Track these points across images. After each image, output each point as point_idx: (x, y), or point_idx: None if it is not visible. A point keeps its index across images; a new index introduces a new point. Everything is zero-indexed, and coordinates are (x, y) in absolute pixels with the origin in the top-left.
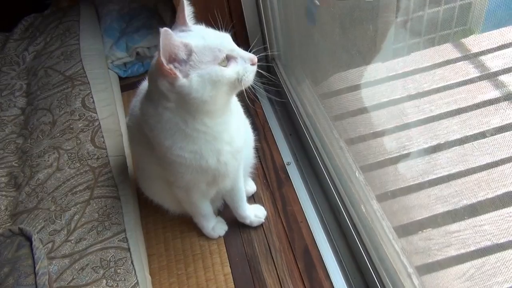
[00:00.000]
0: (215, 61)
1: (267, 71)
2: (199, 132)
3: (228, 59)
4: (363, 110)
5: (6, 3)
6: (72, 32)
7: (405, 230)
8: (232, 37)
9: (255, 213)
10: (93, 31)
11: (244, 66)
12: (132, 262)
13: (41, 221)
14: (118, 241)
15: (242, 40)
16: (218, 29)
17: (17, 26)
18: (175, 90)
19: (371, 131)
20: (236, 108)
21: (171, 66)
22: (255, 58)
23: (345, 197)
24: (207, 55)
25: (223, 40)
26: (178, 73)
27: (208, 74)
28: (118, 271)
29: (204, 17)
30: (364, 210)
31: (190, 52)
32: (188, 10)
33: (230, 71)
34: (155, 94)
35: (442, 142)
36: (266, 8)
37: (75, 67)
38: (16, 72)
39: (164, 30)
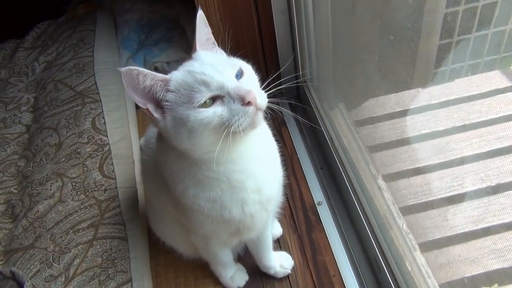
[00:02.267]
0: (191, 103)
1: (297, 94)
2: (210, 179)
3: (214, 98)
4: (403, 142)
5: (19, 8)
6: (87, 42)
7: None
8: (261, 60)
9: (280, 263)
10: (109, 42)
11: (232, 108)
12: None
13: (36, 263)
14: None
15: (271, 61)
16: (244, 53)
17: (29, 33)
18: (161, 132)
19: (412, 167)
20: (265, 150)
21: (150, 106)
22: (248, 95)
23: (386, 248)
24: (184, 95)
25: (214, 74)
26: (155, 114)
27: (180, 119)
28: None
29: (234, 38)
30: (409, 268)
31: (167, 90)
32: (202, 33)
33: (209, 115)
34: None
35: (493, 185)
36: (301, 29)
37: (87, 82)
38: (24, 84)
39: (125, 70)
